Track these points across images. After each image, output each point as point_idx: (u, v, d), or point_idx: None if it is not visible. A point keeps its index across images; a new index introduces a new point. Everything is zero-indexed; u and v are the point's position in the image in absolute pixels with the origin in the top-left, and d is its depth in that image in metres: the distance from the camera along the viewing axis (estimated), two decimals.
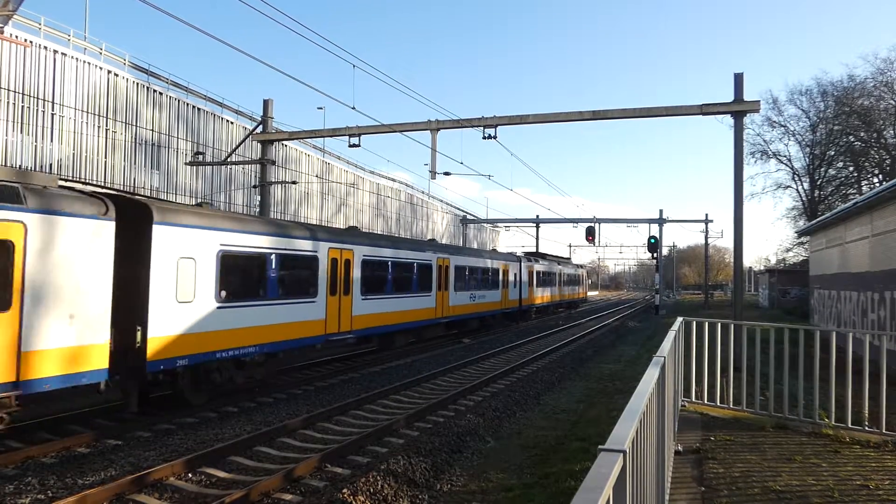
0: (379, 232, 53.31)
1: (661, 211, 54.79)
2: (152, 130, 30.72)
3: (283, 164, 38.20)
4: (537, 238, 55.24)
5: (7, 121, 24.58)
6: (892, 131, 39.53)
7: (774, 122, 45.23)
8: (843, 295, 20.35)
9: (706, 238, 57.59)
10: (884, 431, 7.87)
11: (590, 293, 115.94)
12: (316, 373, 15.72)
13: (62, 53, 26.89)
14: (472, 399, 12.75)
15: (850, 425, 8.06)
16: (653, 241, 42.62)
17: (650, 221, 46.45)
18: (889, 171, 37.97)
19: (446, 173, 24.17)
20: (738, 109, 16.82)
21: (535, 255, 39.72)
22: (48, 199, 8.67)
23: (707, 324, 9.34)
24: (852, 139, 41.84)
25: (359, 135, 20.29)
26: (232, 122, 37.41)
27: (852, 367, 8.17)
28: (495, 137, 18.91)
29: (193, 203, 17.59)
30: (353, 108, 17.37)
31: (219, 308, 11.48)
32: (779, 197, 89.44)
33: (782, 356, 8.51)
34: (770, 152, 46.16)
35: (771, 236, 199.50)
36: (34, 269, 8.32)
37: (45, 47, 26.23)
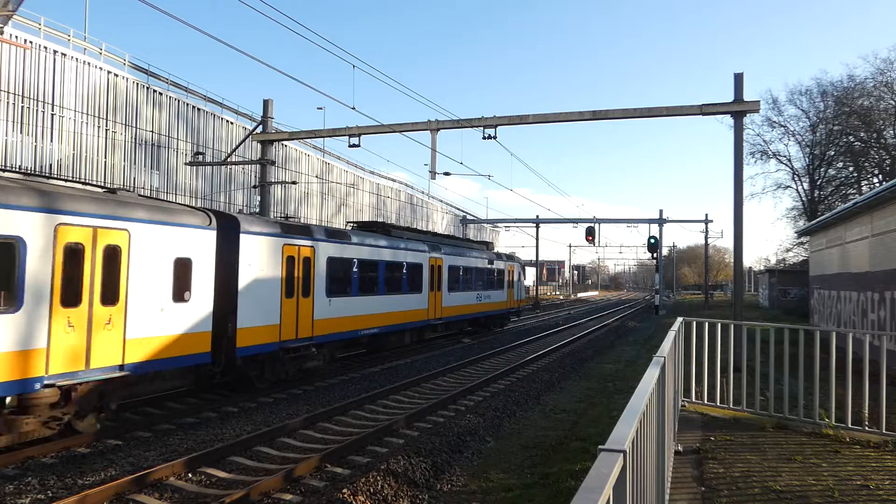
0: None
1: (661, 211, 54.82)
2: (152, 131, 30.73)
3: (283, 164, 38.20)
4: (537, 238, 55.27)
5: (7, 121, 24.57)
6: (891, 131, 39.54)
7: (774, 122, 45.30)
8: (843, 295, 20.35)
9: (706, 238, 57.59)
10: (884, 431, 7.87)
11: (590, 294, 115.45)
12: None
13: (62, 54, 26.88)
14: (472, 399, 12.75)
15: (850, 425, 8.05)
16: (653, 241, 42.62)
17: (650, 221, 46.47)
18: (889, 171, 37.97)
19: (446, 173, 24.22)
20: (738, 109, 16.82)
21: (371, 228, 20.18)
22: None
23: (707, 324, 9.34)
24: (852, 139, 41.85)
25: (359, 135, 20.29)
26: (232, 122, 37.41)
27: (852, 367, 8.17)
28: (495, 137, 18.91)
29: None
30: (353, 108, 17.39)
31: None
32: (779, 197, 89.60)
33: (782, 356, 8.50)
34: (770, 152, 46.22)
35: (771, 236, 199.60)
36: None
37: (45, 47, 26.22)
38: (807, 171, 45.54)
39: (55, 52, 26.53)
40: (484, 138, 18.93)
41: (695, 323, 9.34)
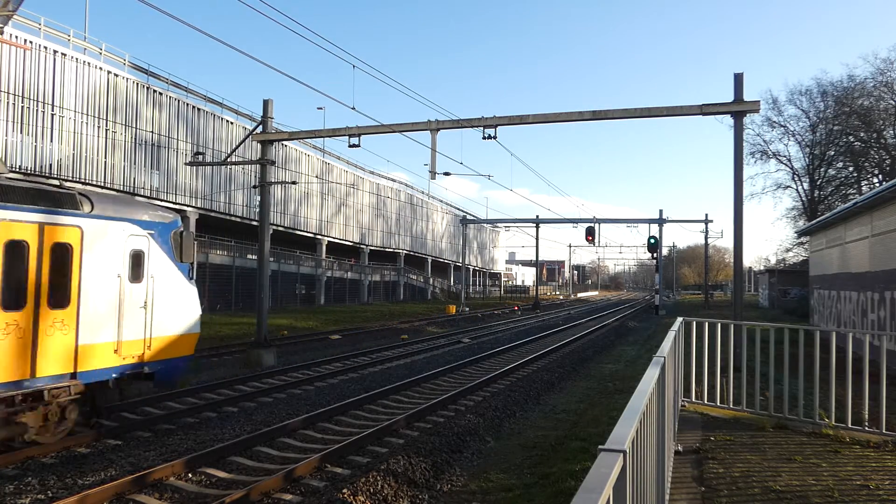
0: (378, 233, 53.32)
1: (660, 211, 54.85)
2: (152, 131, 30.73)
3: (283, 164, 38.19)
4: (537, 239, 55.28)
5: (7, 121, 24.57)
6: (891, 131, 39.54)
7: (774, 122, 45.32)
8: (843, 295, 20.34)
9: (706, 238, 57.63)
10: (884, 431, 7.87)
11: (590, 294, 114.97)
12: (316, 373, 15.72)
13: (62, 54, 26.87)
14: (472, 399, 12.74)
15: (850, 425, 8.05)
16: (653, 241, 42.65)
17: (650, 222, 46.47)
18: (889, 171, 37.98)
19: (446, 173, 24.21)
20: (738, 109, 16.80)
21: None
22: None
23: (707, 324, 9.34)
24: (852, 139, 41.85)
25: (359, 135, 20.26)
26: (232, 122, 37.41)
27: (852, 367, 8.17)
28: (495, 137, 18.89)
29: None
30: (353, 108, 17.41)
31: None
32: (779, 197, 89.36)
33: (782, 356, 8.50)
34: (770, 152, 46.24)
35: (771, 236, 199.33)
36: None
37: (45, 47, 26.22)
38: (807, 171, 45.55)
39: (55, 52, 26.53)
40: (484, 138, 18.91)
41: (695, 323, 9.34)
